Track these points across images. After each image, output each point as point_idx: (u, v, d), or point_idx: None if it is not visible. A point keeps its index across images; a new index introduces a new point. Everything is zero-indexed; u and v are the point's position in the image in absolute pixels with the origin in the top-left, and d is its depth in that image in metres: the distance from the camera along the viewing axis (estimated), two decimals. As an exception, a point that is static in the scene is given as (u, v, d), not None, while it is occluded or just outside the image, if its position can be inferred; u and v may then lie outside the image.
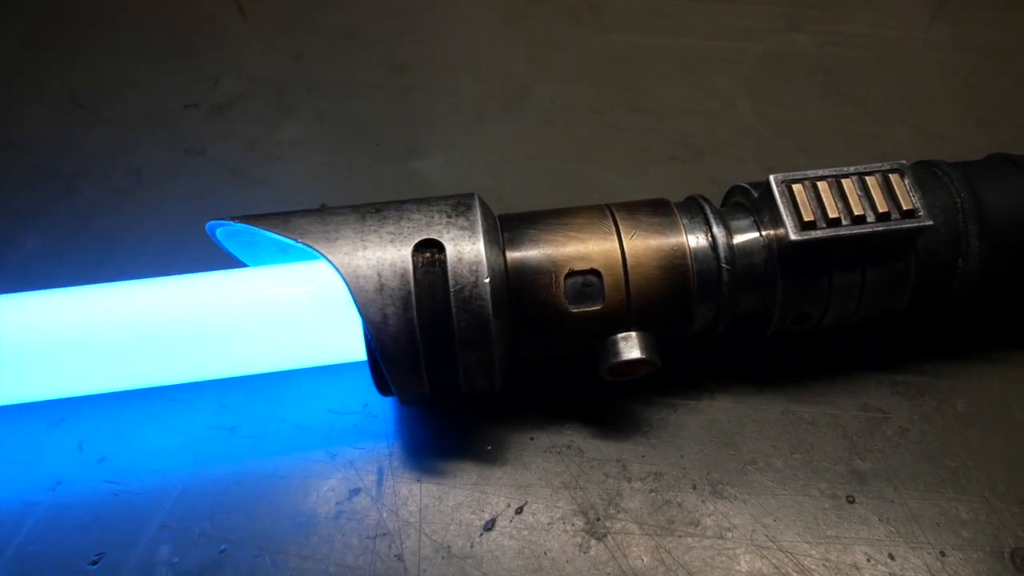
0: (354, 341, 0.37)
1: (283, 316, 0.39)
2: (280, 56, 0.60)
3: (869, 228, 0.35)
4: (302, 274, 0.38)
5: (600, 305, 0.36)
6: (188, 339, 0.38)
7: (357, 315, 0.34)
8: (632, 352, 0.36)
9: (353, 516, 0.37)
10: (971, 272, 0.38)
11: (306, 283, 0.38)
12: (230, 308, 0.39)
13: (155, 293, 0.39)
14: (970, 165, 0.40)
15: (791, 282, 0.37)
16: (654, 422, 0.40)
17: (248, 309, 0.39)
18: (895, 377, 0.42)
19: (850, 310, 0.38)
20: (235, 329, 0.38)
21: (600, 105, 0.56)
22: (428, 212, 0.36)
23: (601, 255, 0.36)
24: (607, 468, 0.38)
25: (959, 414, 0.41)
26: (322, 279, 0.37)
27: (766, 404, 0.41)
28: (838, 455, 0.39)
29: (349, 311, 0.35)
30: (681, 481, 0.38)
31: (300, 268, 0.39)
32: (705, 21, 0.63)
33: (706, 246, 0.37)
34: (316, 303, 0.38)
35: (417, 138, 0.54)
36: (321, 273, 0.37)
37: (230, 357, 0.39)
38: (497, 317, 0.34)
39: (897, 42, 0.62)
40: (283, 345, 0.39)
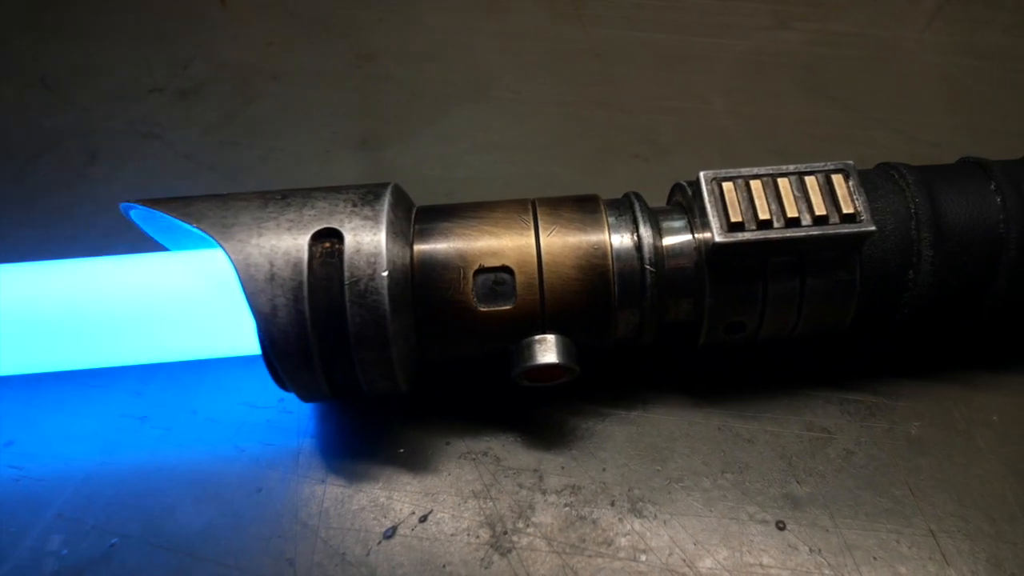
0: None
1: (200, 303, 0.37)
2: (252, 43, 0.59)
3: (803, 232, 0.32)
4: (223, 260, 0.37)
5: (511, 304, 0.33)
6: (99, 323, 0.37)
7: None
8: (547, 356, 0.34)
9: (251, 516, 0.35)
10: (923, 284, 0.35)
11: (227, 270, 0.36)
12: (145, 293, 0.37)
13: (69, 274, 0.38)
14: (933, 169, 0.37)
15: (720, 288, 0.34)
16: (579, 432, 0.38)
17: (164, 295, 0.37)
18: (846, 396, 0.39)
19: (789, 322, 0.35)
20: (149, 315, 0.37)
21: (567, 99, 0.54)
22: (334, 200, 0.34)
23: (514, 251, 0.34)
24: (522, 478, 0.36)
25: (912, 439, 0.37)
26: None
27: (703, 418, 0.38)
28: (773, 477, 0.36)
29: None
30: (599, 496, 0.36)
31: (221, 254, 0.38)
32: (690, 17, 0.60)
33: (630, 246, 0.34)
34: (236, 291, 0.36)
35: (375, 127, 0.52)
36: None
37: (142, 343, 0.38)
38: (395, 313, 0.32)
39: (891, 42, 0.58)
40: (198, 333, 0.38)
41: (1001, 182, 0.36)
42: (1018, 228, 0.35)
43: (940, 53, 0.58)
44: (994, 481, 0.36)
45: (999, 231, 0.35)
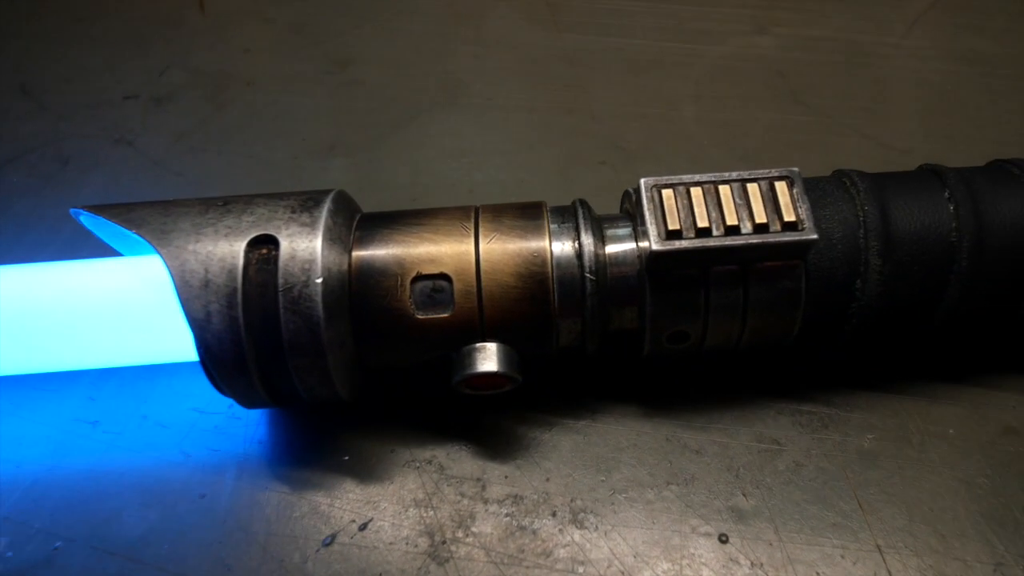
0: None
1: (152, 308, 0.37)
2: (228, 50, 0.59)
3: (742, 240, 0.32)
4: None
5: (449, 312, 0.33)
6: (53, 327, 0.37)
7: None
8: (486, 365, 0.33)
9: (194, 521, 0.35)
10: (871, 294, 0.34)
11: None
12: (98, 298, 0.38)
13: (23, 279, 0.38)
14: (888, 176, 0.37)
15: (661, 297, 0.33)
16: (525, 441, 0.37)
17: (117, 300, 0.38)
18: (799, 407, 0.38)
19: (734, 331, 0.35)
20: (102, 320, 0.37)
21: (538, 105, 0.54)
22: (274, 207, 0.34)
23: (453, 259, 0.33)
24: (465, 487, 0.36)
25: (864, 452, 0.37)
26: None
27: (651, 428, 0.38)
28: (719, 489, 0.36)
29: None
30: (541, 507, 0.35)
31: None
32: (666, 22, 0.60)
33: (571, 254, 0.34)
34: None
35: (344, 134, 0.52)
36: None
37: (95, 348, 0.38)
38: (330, 320, 0.32)
39: (869, 47, 0.57)
40: (151, 338, 0.38)
41: (956, 190, 0.35)
42: (970, 237, 0.34)
43: (919, 58, 0.57)
44: (945, 496, 0.35)
45: (951, 240, 0.34)
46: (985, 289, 0.35)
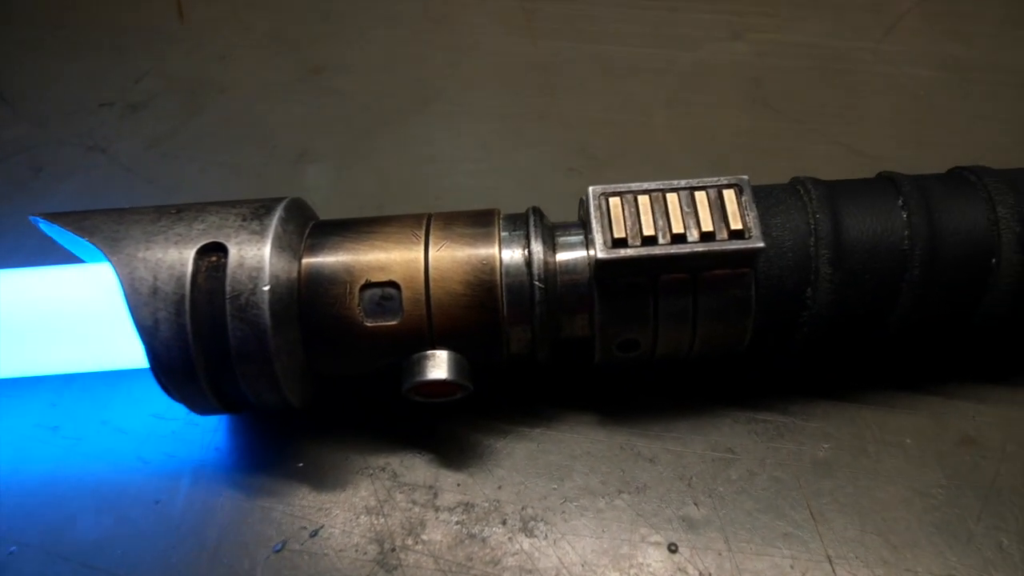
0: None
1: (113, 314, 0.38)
2: (205, 57, 0.60)
3: (688, 248, 0.32)
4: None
5: (398, 320, 0.33)
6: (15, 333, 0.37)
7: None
8: (435, 372, 0.34)
9: (147, 527, 0.36)
10: (821, 302, 0.34)
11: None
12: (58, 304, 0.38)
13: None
14: (843, 184, 0.37)
15: (609, 305, 0.33)
16: (479, 449, 0.37)
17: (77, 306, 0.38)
18: (756, 415, 0.38)
19: (685, 340, 0.35)
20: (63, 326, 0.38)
21: (509, 112, 0.54)
22: (225, 215, 0.34)
23: (402, 266, 0.34)
24: (417, 495, 0.36)
25: (819, 461, 0.36)
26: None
27: (605, 436, 0.38)
28: (671, 498, 0.35)
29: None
30: (492, 515, 0.35)
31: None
32: (642, 28, 0.60)
33: (520, 261, 0.34)
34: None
35: (314, 140, 0.53)
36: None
37: (57, 354, 0.39)
38: (277, 328, 0.32)
39: (845, 53, 0.57)
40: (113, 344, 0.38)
41: (910, 198, 0.35)
42: (923, 246, 0.34)
43: (895, 64, 0.57)
44: (899, 506, 0.35)
45: (903, 248, 0.34)
46: (938, 297, 0.34)
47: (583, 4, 0.62)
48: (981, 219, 0.35)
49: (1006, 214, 0.34)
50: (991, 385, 0.39)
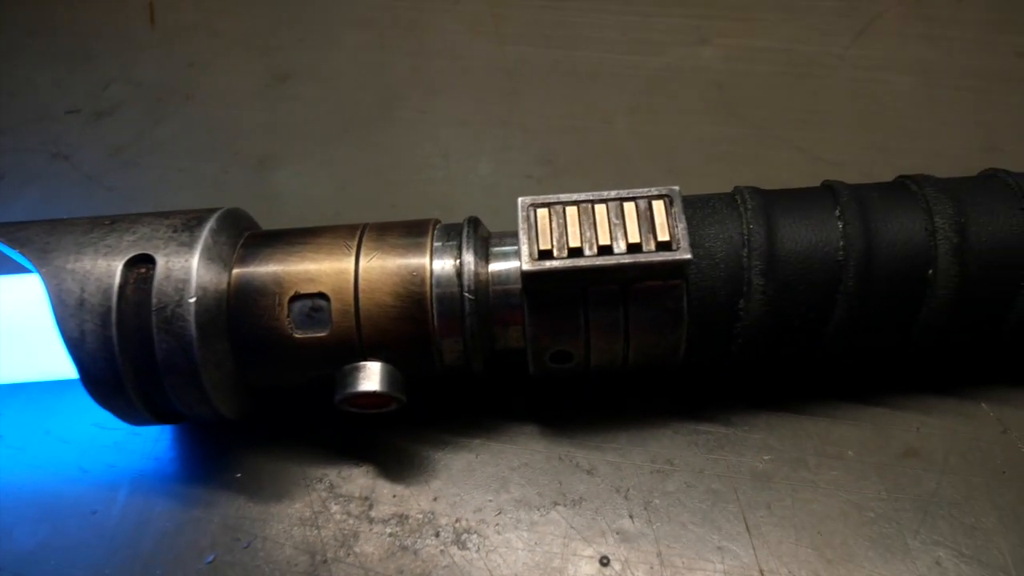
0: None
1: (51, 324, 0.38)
2: (173, 63, 0.60)
3: (614, 260, 0.32)
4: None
5: (327, 331, 0.33)
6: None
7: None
8: (366, 384, 0.33)
9: (83, 538, 0.36)
10: (754, 314, 0.33)
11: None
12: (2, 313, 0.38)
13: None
14: (783, 193, 0.36)
15: (540, 317, 0.33)
16: (417, 460, 0.37)
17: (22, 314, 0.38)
18: (697, 426, 0.38)
19: (618, 351, 0.34)
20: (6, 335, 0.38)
21: (471, 118, 0.54)
22: (157, 226, 0.34)
23: (332, 278, 0.33)
24: (352, 506, 0.36)
25: (758, 473, 0.36)
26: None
27: (544, 447, 0.37)
28: (607, 510, 0.35)
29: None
30: (425, 527, 0.35)
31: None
32: (610, 34, 0.59)
33: (451, 272, 0.34)
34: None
35: (276, 148, 0.53)
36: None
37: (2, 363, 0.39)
38: (203, 340, 0.32)
39: (812, 58, 0.57)
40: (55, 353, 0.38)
41: (847, 207, 0.34)
42: (857, 256, 0.33)
43: (862, 68, 0.56)
44: (836, 519, 0.34)
45: (837, 259, 0.34)
46: (875, 308, 0.34)
47: (553, 9, 0.62)
48: (919, 229, 0.34)
49: (943, 224, 0.34)
50: (938, 395, 0.38)
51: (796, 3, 0.62)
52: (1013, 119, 0.53)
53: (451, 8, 0.63)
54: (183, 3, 0.65)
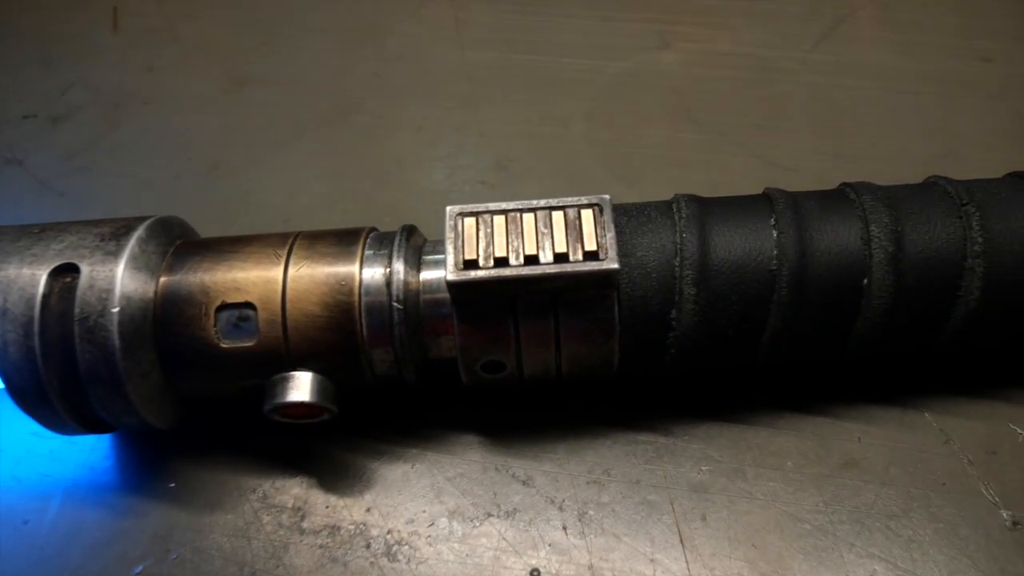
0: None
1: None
2: (133, 68, 0.60)
3: (540, 270, 0.31)
4: None
5: (254, 341, 0.33)
6: None
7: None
8: (294, 394, 0.33)
9: (13, 549, 0.35)
10: (686, 324, 0.33)
11: None
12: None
13: None
14: (720, 201, 0.36)
15: (469, 327, 0.33)
16: (352, 470, 0.37)
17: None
18: (637, 436, 0.37)
19: (550, 361, 0.34)
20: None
21: (427, 123, 0.53)
22: (85, 235, 0.34)
23: (259, 287, 0.33)
24: (284, 517, 0.35)
25: (695, 484, 0.36)
26: None
27: (482, 457, 0.37)
28: (540, 521, 0.35)
29: None
30: (356, 538, 0.35)
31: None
32: (570, 38, 0.59)
33: (381, 282, 0.33)
34: None
35: (229, 153, 0.52)
36: None
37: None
38: (127, 350, 0.32)
39: (772, 63, 0.56)
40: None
41: (782, 216, 0.34)
42: (790, 266, 0.33)
43: (822, 74, 0.56)
44: (771, 531, 0.34)
45: (771, 268, 0.33)
46: (809, 319, 0.34)
47: (516, 14, 0.62)
48: (854, 238, 0.34)
49: (879, 233, 0.33)
50: (881, 405, 0.38)
51: (761, 8, 0.62)
52: (973, 124, 0.52)
53: (414, 13, 0.62)
54: (147, 7, 0.65)
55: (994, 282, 0.34)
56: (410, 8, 0.63)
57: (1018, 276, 0.34)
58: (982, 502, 0.35)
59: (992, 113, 0.53)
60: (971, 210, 0.34)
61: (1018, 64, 0.56)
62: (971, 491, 0.35)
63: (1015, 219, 0.34)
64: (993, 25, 0.59)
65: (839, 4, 0.61)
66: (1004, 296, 0.34)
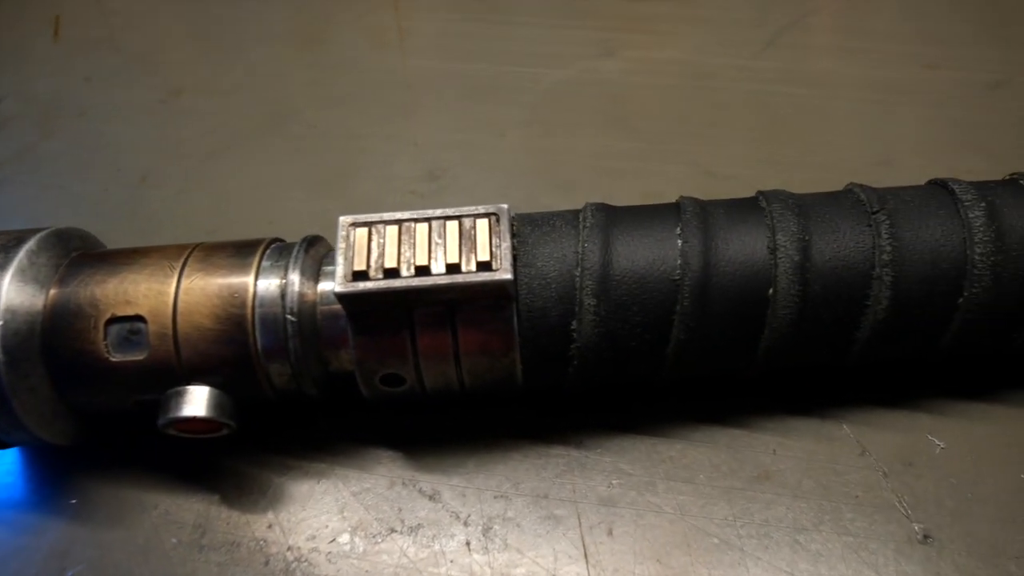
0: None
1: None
2: (70, 78, 0.59)
3: (431, 282, 0.31)
4: None
5: (145, 355, 0.32)
6: None
7: None
8: (188, 409, 0.32)
9: (-94, 568, 0.34)
10: (586, 335, 0.32)
11: None
12: None
13: None
14: (629, 210, 0.35)
15: (364, 339, 0.32)
16: (257, 485, 0.36)
17: None
18: (549, 449, 0.37)
19: (451, 374, 0.33)
20: None
21: (362, 132, 0.53)
22: (-22, 246, 0.33)
23: (150, 299, 0.32)
24: (184, 534, 0.35)
25: (604, 498, 0.35)
26: None
27: (390, 472, 0.36)
28: (444, 537, 0.34)
29: None
30: (256, 555, 0.34)
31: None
32: (515, 46, 0.59)
33: (276, 293, 0.33)
34: None
35: (160, 164, 0.52)
36: None
37: None
38: (11, 365, 0.31)
39: (715, 70, 0.56)
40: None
41: (688, 225, 0.33)
42: (693, 276, 0.32)
43: (764, 81, 0.55)
44: (677, 546, 0.33)
45: (674, 279, 0.33)
46: (714, 330, 0.33)
47: (460, 22, 0.61)
48: (761, 248, 0.33)
49: (785, 242, 0.33)
50: (799, 416, 0.37)
51: (708, 14, 0.61)
52: (911, 132, 0.52)
53: (357, 21, 0.62)
54: (89, 17, 0.64)
55: (902, 291, 0.33)
56: (354, 16, 0.62)
57: (926, 285, 0.33)
58: (894, 515, 0.34)
59: (931, 121, 0.52)
60: (881, 218, 0.34)
61: (963, 71, 0.56)
62: (884, 504, 0.35)
63: (925, 227, 0.34)
64: (943, 31, 0.59)
65: (787, 11, 0.61)
66: (913, 305, 0.33)
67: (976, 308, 0.33)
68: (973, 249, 0.33)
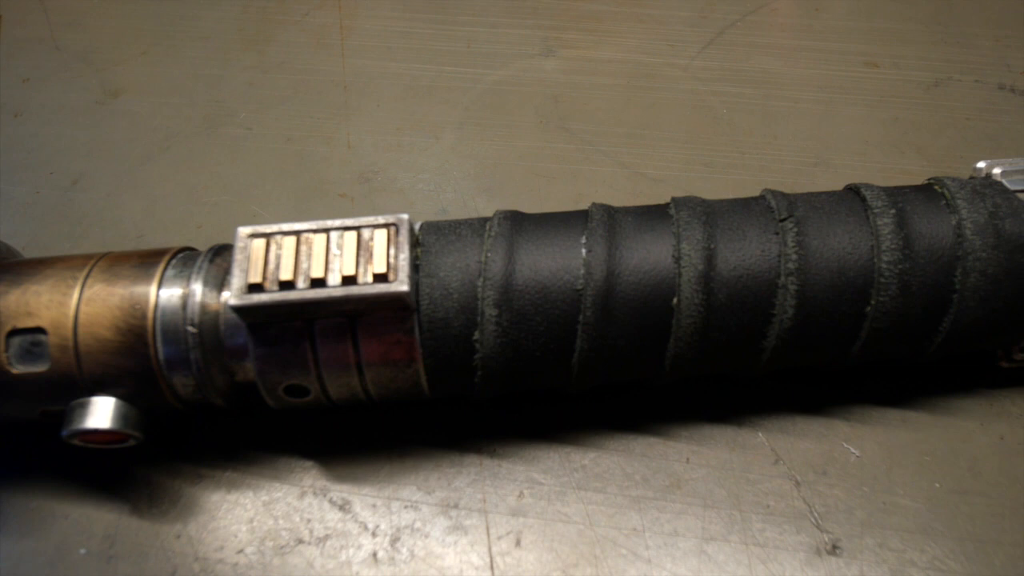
0: None
1: None
2: (8, 79, 0.58)
3: (325, 294, 0.30)
4: None
5: (46, 367, 0.32)
6: None
7: None
8: (92, 420, 0.32)
9: None
10: (489, 345, 0.32)
11: None
12: None
13: None
14: (538, 218, 0.35)
15: (264, 350, 0.32)
16: (169, 495, 0.36)
17: None
18: (463, 458, 0.37)
19: (355, 385, 0.33)
20: None
21: (296, 134, 0.52)
22: None
23: (51, 311, 0.32)
24: (94, 544, 0.35)
25: (514, 508, 0.35)
26: None
27: (302, 482, 0.36)
28: (351, 547, 0.34)
29: None
30: (164, 565, 0.34)
31: None
32: (455, 46, 0.58)
33: (178, 304, 0.33)
34: None
35: (92, 167, 0.51)
36: None
37: None
38: (-94, 378, 0.31)
39: (656, 70, 0.56)
40: None
41: (593, 234, 0.33)
42: (595, 286, 0.32)
43: (703, 81, 0.55)
44: (584, 557, 0.33)
45: (576, 288, 0.32)
46: (618, 338, 0.33)
47: (402, 21, 0.61)
48: (665, 256, 0.33)
49: (689, 250, 0.33)
50: (715, 424, 0.37)
51: (651, 14, 0.61)
52: (848, 132, 0.52)
53: (300, 20, 0.61)
54: (32, 16, 0.64)
55: (808, 300, 0.33)
56: (296, 16, 0.62)
57: (833, 294, 0.33)
58: (804, 525, 0.34)
59: (869, 120, 0.52)
60: (789, 226, 0.34)
61: (903, 69, 0.56)
62: (795, 513, 0.35)
63: (833, 235, 0.34)
64: (885, 29, 0.59)
65: (729, 9, 0.61)
66: (819, 314, 0.33)
67: (884, 316, 0.33)
68: (880, 257, 0.33)
